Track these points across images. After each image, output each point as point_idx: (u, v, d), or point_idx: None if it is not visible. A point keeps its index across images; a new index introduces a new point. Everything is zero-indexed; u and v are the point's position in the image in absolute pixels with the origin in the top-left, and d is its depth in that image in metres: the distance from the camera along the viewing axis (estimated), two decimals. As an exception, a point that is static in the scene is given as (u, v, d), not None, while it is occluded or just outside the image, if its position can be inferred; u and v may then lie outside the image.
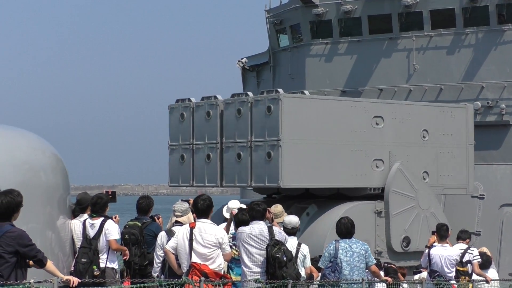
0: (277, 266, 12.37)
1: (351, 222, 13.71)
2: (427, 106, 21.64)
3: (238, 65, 36.25)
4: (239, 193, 33.96)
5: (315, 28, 31.85)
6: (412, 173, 19.82)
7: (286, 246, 12.63)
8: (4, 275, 9.76)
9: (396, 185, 19.51)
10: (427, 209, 19.86)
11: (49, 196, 12.50)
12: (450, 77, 29.51)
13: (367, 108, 19.54)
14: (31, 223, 11.89)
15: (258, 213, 12.85)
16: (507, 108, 28.81)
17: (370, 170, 19.42)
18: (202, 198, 12.42)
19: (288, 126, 17.92)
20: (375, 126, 19.52)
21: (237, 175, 18.78)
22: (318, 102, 19.12)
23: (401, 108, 20.32)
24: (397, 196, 19.49)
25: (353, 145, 19.17)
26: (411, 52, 29.96)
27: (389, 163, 19.63)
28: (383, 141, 19.63)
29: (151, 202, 14.94)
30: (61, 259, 12.83)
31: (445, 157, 20.67)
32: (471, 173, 21.24)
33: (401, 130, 19.97)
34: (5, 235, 9.82)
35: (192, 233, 12.18)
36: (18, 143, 12.35)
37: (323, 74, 31.56)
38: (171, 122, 20.29)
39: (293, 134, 18.02)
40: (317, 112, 18.61)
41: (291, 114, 18.03)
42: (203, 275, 11.83)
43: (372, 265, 13.64)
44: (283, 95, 18.12)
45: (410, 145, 20.11)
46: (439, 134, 20.60)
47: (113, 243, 13.38)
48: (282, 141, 17.81)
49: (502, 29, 29.03)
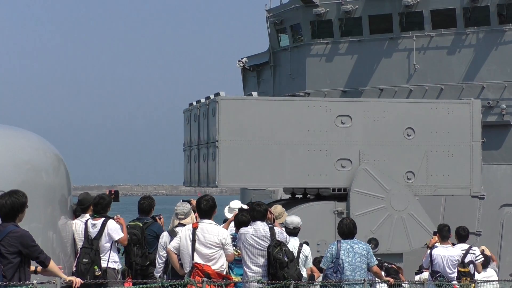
0: (279, 266, 12.35)
1: (353, 223, 13.68)
2: (412, 104, 20.94)
3: (239, 65, 36.25)
4: (239, 193, 33.94)
5: (315, 28, 31.87)
6: (383, 173, 19.26)
7: (287, 246, 12.61)
8: (7, 276, 9.74)
9: (360, 186, 19.07)
10: (403, 210, 19.23)
11: (51, 196, 12.48)
12: (451, 77, 29.52)
13: (329, 108, 19.27)
14: (32, 223, 11.86)
15: (259, 214, 12.82)
16: (508, 108, 28.83)
17: (334, 170, 19.15)
18: (205, 199, 12.39)
19: (226, 128, 18.58)
20: (340, 125, 19.21)
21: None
22: (265, 103, 19.21)
23: (375, 107, 19.77)
24: (361, 197, 19.06)
25: (311, 145, 19.00)
26: (412, 52, 29.97)
27: (358, 163, 19.25)
28: (350, 140, 19.25)
29: (152, 203, 14.92)
30: (62, 259, 12.80)
31: (439, 156, 19.76)
32: (476, 173, 20.01)
33: (375, 129, 19.42)
34: (8, 235, 9.80)
35: (195, 234, 12.16)
36: (19, 144, 12.33)
37: (324, 74, 31.57)
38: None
39: (232, 136, 18.60)
40: (263, 113, 18.83)
41: (230, 116, 18.62)
42: (206, 276, 11.80)
43: (373, 265, 13.61)
44: (220, 98, 18.67)
45: (389, 144, 19.45)
46: (430, 132, 19.74)
47: (124, 240, 13.46)
48: (220, 143, 18.53)
49: (503, 29, 29.05)
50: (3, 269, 9.74)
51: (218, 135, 18.52)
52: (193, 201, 13.77)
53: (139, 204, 14.86)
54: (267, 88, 34.46)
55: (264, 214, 12.94)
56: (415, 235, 19.04)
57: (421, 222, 19.12)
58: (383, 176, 19.22)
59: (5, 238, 9.80)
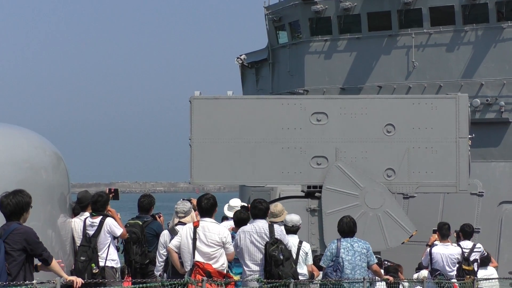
0: (274, 264, 12.36)
1: (353, 221, 13.68)
2: (393, 100, 20.55)
3: (237, 62, 36.20)
4: (238, 190, 33.92)
5: (314, 25, 31.82)
6: (358, 171, 19.01)
7: (285, 244, 12.58)
8: (12, 273, 9.74)
9: (332, 183, 18.92)
10: (379, 208, 18.84)
11: (50, 194, 12.47)
12: (450, 74, 29.50)
13: (304, 105, 19.20)
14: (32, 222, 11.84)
15: (260, 212, 12.82)
16: (506, 106, 28.80)
17: (309, 168, 19.06)
18: (206, 197, 12.39)
19: (199, 127, 18.91)
20: (316, 122, 19.08)
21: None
22: (238, 102, 19.32)
23: (353, 103, 19.49)
24: (333, 194, 18.92)
25: (285, 143, 18.98)
26: (411, 49, 29.95)
27: (335, 160, 19.09)
28: (326, 137, 19.10)
29: (152, 201, 14.91)
30: (61, 257, 12.77)
31: (421, 152, 19.19)
32: (463, 169, 19.22)
33: (353, 126, 19.15)
34: (12, 233, 9.82)
35: (196, 232, 12.15)
36: (19, 142, 12.30)
37: (322, 71, 31.53)
38: None
39: (205, 135, 18.92)
40: (237, 112, 18.98)
41: (202, 115, 18.95)
42: (207, 275, 11.80)
43: (373, 264, 13.61)
44: (193, 98, 19.00)
45: (367, 141, 19.14)
46: (412, 128, 19.20)
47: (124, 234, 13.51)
48: (192, 141, 18.93)
49: (502, 26, 29.02)
50: (7, 267, 9.74)
51: (191, 134, 18.94)
52: (194, 199, 13.76)
53: (139, 202, 14.85)
54: (266, 85, 34.43)
55: (265, 212, 12.94)
56: (392, 233, 18.68)
57: (397, 220, 18.76)
58: (357, 173, 18.97)
59: (9, 235, 9.82)
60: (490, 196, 28.42)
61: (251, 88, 35.49)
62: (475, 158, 26.51)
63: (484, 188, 28.28)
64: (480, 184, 28.16)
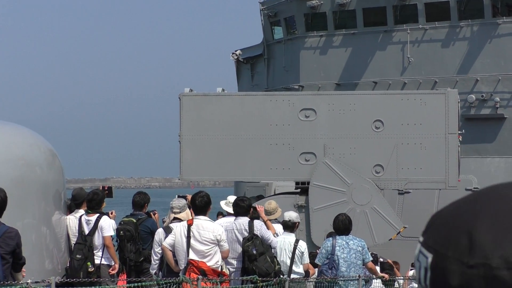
0: (247, 259, 12.50)
1: (349, 219, 13.67)
2: (381, 95, 20.35)
3: (232, 57, 36.17)
4: (233, 186, 33.90)
5: (309, 21, 31.79)
6: (345, 167, 18.90)
7: (261, 240, 12.63)
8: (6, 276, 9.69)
9: (319, 179, 18.87)
10: (366, 204, 18.71)
11: (45, 191, 12.45)
12: (445, 70, 29.49)
13: (292, 101, 19.18)
14: (26, 219, 11.85)
15: (242, 209, 12.97)
16: (502, 101, 28.80)
17: (297, 164, 19.02)
18: (200, 195, 12.39)
19: (188, 123, 19.12)
20: (304, 119, 19.04)
21: None
22: (227, 98, 19.42)
23: (341, 99, 19.40)
24: (321, 190, 18.88)
25: (274, 139, 18.98)
26: (406, 45, 29.93)
27: (323, 156, 19.03)
28: (314, 134, 19.04)
29: (146, 198, 14.87)
30: (56, 255, 12.77)
31: (410, 148, 18.97)
32: (452, 166, 18.97)
33: (341, 122, 19.05)
34: (4, 235, 9.72)
35: (190, 230, 12.15)
36: (13, 139, 12.28)
37: (318, 67, 31.51)
38: None
39: (194, 131, 19.08)
40: (225, 109, 19.08)
41: (191, 112, 19.12)
42: (201, 272, 11.81)
43: (368, 261, 13.61)
44: (182, 95, 19.24)
45: (356, 137, 19.01)
46: (401, 124, 19.01)
47: (107, 239, 13.33)
48: (182, 137, 19.18)
49: (497, 22, 29.01)
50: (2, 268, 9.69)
51: (180, 130, 19.18)
52: (189, 196, 13.75)
53: (133, 200, 14.82)
54: (261, 81, 34.41)
55: (247, 210, 13.07)
56: (379, 229, 18.57)
57: (385, 217, 18.67)
58: (344, 170, 18.89)
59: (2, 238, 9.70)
60: (485, 192, 28.44)
61: (246, 84, 35.47)
62: (470, 153, 26.51)
63: (479, 184, 28.24)
64: (475, 180, 28.14)
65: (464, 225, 1.37)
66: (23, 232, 10.37)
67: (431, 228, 1.44)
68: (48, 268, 12.33)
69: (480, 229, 1.35)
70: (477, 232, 1.35)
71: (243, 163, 19.02)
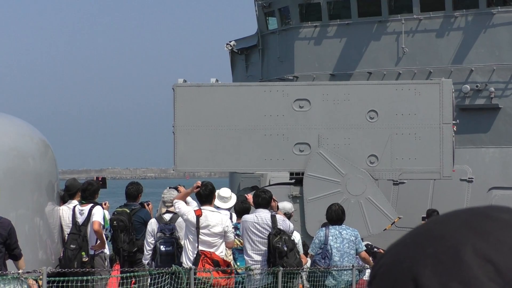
0: (278, 256, 12.32)
1: (342, 209, 13.68)
2: (375, 86, 20.23)
3: (227, 48, 36.07)
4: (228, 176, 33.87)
5: (304, 11, 31.73)
6: (340, 157, 18.87)
7: (288, 235, 12.53)
8: None
9: (314, 170, 18.85)
10: (361, 195, 18.68)
11: (38, 182, 12.44)
12: (439, 60, 29.46)
13: (286, 92, 19.19)
14: (19, 210, 11.84)
15: (264, 201, 12.70)
16: (496, 92, 28.77)
17: (291, 155, 19.03)
18: (203, 184, 12.33)
19: (182, 114, 19.13)
20: (298, 109, 19.03)
21: None
22: (221, 89, 19.42)
23: (336, 90, 19.34)
24: (315, 181, 18.86)
25: (268, 130, 18.99)
26: (400, 35, 29.88)
27: (317, 147, 19.01)
28: (309, 124, 19.03)
29: (140, 188, 14.84)
30: (49, 245, 12.78)
31: (404, 139, 18.97)
32: (447, 156, 18.96)
33: (336, 112, 19.04)
34: None
35: (199, 221, 12.05)
36: (6, 129, 12.26)
37: (312, 57, 31.46)
38: None
39: (188, 122, 19.07)
40: (219, 99, 19.09)
41: (185, 102, 19.12)
42: (215, 264, 11.82)
43: (362, 251, 13.62)
44: (176, 85, 19.27)
45: (350, 128, 18.99)
46: (395, 114, 19.01)
47: (96, 223, 13.16)
48: (175, 128, 19.21)
49: (492, 12, 28.97)
50: None
51: (174, 121, 19.18)
52: (180, 187, 13.67)
53: (126, 190, 14.80)
54: (256, 72, 34.34)
55: (269, 202, 12.85)
56: (374, 220, 18.60)
57: (379, 207, 18.68)
58: (339, 160, 18.86)
59: None
60: (479, 182, 28.42)
61: (241, 75, 35.41)
62: (464, 144, 26.52)
63: (473, 174, 28.27)
64: (470, 170, 28.15)
65: (408, 273, 1.34)
66: (17, 223, 10.38)
67: (376, 279, 1.40)
68: (42, 258, 12.33)
69: (423, 274, 1.33)
70: (422, 278, 1.33)
71: (237, 153, 19.05)
